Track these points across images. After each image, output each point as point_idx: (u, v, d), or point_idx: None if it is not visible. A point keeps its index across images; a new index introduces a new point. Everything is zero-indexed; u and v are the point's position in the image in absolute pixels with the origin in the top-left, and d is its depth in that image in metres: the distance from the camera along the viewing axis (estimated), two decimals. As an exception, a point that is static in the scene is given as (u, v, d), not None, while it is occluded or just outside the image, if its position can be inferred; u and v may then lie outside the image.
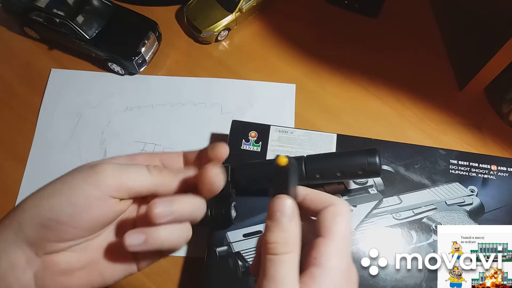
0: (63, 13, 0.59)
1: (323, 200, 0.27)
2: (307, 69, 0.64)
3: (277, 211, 0.24)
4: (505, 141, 0.59)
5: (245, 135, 0.53)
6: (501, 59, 0.53)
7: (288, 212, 0.24)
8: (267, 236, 0.24)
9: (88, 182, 0.25)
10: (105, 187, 0.25)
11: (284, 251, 0.24)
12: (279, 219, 0.24)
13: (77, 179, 0.26)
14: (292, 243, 0.24)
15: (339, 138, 0.53)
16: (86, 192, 0.25)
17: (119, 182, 0.26)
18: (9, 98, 0.62)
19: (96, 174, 0.26)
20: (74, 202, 0.25)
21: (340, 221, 0.25)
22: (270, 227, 0.24)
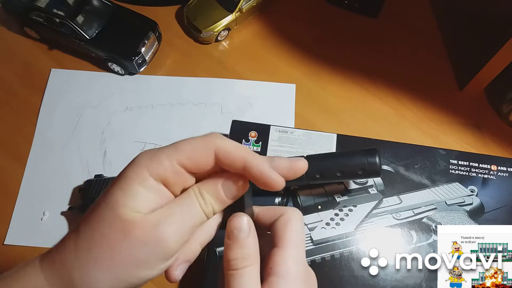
0: (63, 13, 0.59)
1: (274, 213, 0.28)
2: (307, 69, 0.64)
3: (234, 229, 0.25)
4: (505, 141, 0.59)
5: (245, 135, 0.53)
6: (501, 59, 0.53)
7: (245, 229, 0.25)
8: (227, 254, 0.25)
9: (159, 257, 0.25)
10: (174, 252, 0.25)
11: (244, 265, 0.25)
12: (237, 236, 0.25)
13: (143, 256, 0.24)
14: (251, 257, 0.25)
15: (339, 138, 0.53)
16: (159, 268, 0.25)
17: (183, 240, 0.25)
18: (9, 98, 0.62)
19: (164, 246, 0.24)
20: (148, 278, 0.25)
21: (290, 229, 0.26)
22: (229, 245, 0.25)
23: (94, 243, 0.24)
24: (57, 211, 0.54)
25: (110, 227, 0.24)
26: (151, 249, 0.24)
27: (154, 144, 0.58)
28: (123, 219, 0.24)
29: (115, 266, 0.24)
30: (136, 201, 0.24)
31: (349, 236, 0.47)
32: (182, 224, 0.25)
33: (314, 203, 0.49)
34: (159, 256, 0.24)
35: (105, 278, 0.24)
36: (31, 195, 0.55)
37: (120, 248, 0.24)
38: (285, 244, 0.26)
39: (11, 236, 0.53)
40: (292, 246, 0.26)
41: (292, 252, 0.26)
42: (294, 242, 0.26)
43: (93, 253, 0.24)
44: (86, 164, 0.57)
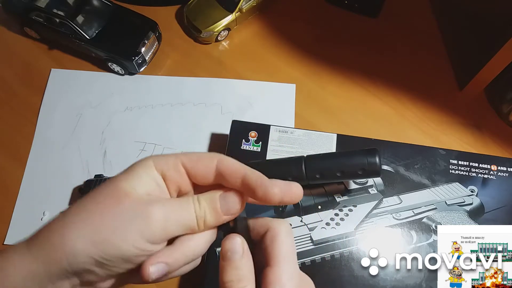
0: (63, 13, 0.59)
1: (262, 224, 0.28)
2: (307, 69, 0.64)
3: (228, 251, 0.26)
4: (505, 141, 0.59)
5: (245, 135, 0.53)
6: (501, 59, 0.53)
7: (238, 250, 0.26)
8: (223, 276, 0.26)
9: (141, 234, 0.25)
10: (156, 239, 0.25)
11: (239, 287, 0.25)
12: (230, 258, 0.26)
13: (128, 226, 0.25)
14: (246, 278, 0.26)
15: (339, 138, 0.53)
16: (138, 245, 0.25)
17: (168, 233, 0.26)
18: (9, 98, 0.62)
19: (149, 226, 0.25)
20: (127, 255, 0.25)
21: (278, 245, 0.26)
22: (224, 267, 0.26)
23: (84, 208, 0.25)
24: (57, 211, 0.54)
25: (105, 195, 0.26)
26: (136, 222, 0.25)
27: (154, 144, 0.58)
28: (119, 190, 0.26)
29: (97, 229, 0.25)
30: (135, 182, 0.26)
31: (349, 236, 0.47)
32: (171, 216, 0.26)
33: (314, 203, 0.49)
34: (141, 233, 0.25)
35: (82, 240, 0.24)
36: (31, 195, 0.55)
37: (109, 213, 0.25)
38: (275, 262, 0.26)
39: (11, 236, 0.53)
40: (283, 263, 0.26)
41: (284, 268, 0.26)
42: (284, 258, 0.26)
43: (80, 215, 0.25)
44: (86, 164, 0.57)
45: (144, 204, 0.25)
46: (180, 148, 0.58)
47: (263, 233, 0.28)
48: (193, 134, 0.59)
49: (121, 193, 0.26)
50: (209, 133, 0.59)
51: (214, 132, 0.59)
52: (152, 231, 0.25)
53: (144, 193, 0.26)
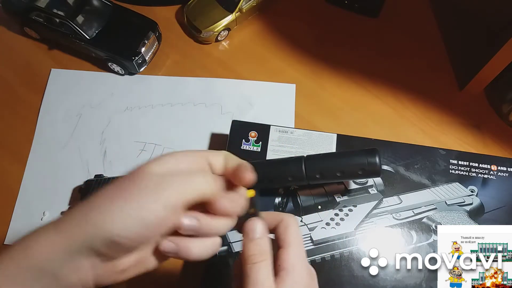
0: (63, 13, 0.59)
1: (274, 218, 0.33)
2: (307, 69, 0.64)
3: (251, 230, 0.31)
4: (505, 141, 0.59)
5: (245, 135, 0.53)
6: (501, 59, 0.53)
7: (260, 230, 0.31)
8: (246, 250, 0.30)
9: (158, 201, 0.27)
10: (174, 205, 0.27)
11: (261, 259, 0.30)
12: (253, 236, 0.31)
13: (146, 196, 0.27)
14: (265, 253, 0.30)
15: (339, 138, 0.53)
16: (156, 213, 0.27)
17: (186, 198, 0.28)
18: (9, 98, 0.62)
19: (164, 192, 0.27)
20: (146, 223, 0.27)
21: (290, 232, 0.32)
22: (247, 243, 0.31)
23: (107, 190, 0.27)
24: (57, 211, 0.54)
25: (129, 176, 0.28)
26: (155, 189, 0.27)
27: (154, 144, 0.58)
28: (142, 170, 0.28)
29: (123, 201, 0.26)
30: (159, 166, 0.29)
31: (349, 236, 0.47)
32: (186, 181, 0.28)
33: (314, 203, 0.49)
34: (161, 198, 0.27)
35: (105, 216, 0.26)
36: (31, 195, 0.55)
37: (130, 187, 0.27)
38: (288, 245, 0.31)
39: (11, 236, 0.53)
40: (294, 246, 0.31)
41: (295, 250, 0.31)
42: (295, 242, 0.31)
43: (104, 195, 0.27)
44: (86, 164, 0.57)
45: (162, 176, 0.28)
46: (180, 148, 0.58)
47: (274, 225, 0.33)
48: (193, 134, 0.59)
49: (141, 171, 0.28)
50: (209, 133, 0.59)
51: (214, 132, 0.59)
52: (170, 196, 0.27)
53: (163, 172, 0.28)
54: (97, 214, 0.26)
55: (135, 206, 0.26)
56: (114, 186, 0.28)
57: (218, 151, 0.33)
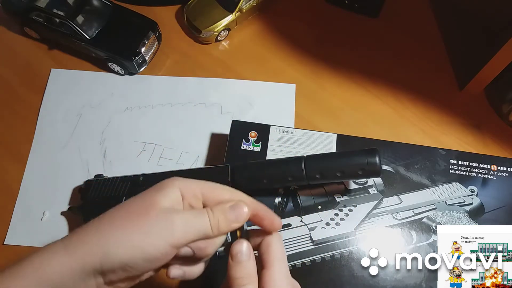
0: (63, 13, 0.59)
1: (258, 235, 0.33)
2: (307, 69, 0.64)
3: (238, 253, 0.31)
4: (505, 141, 0.59)
5: (245, 135, 0.53)
6: (501, 59, 0.53)
7: (246, 252, 0.31)
8: (232, 273, 0.31)
9: (164, 240, 0.29)
10: (178, 243, 0.30)
11: (247, 282, 0.30)
12: (240, 258, 0.31)
13: (154, 233, 0.29)
14: (251, 275, 0.31)
15: (339, 138, 0.53)
16: (161, 251, 0.29)
17: (189, 239, 0.30)
18: (9, 98, 0.62)
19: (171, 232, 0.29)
20: (150, 258, 0.29)
21: (272, 251, 0.32)
22: (233, 266, 0.31)
23: (117, 216, 0.30)
24: (57, 211, 0.54)
25: (136, 206, 0.30)
26: (162, 229, 0.29)
27: (154, 144, 0.58)
28: (148, 201, 0.30)
29: (129, 235, 0.29)
30: (162, 196, 0.31)
31: (349, 236, 0.47)
32: (190, 224, 0.30)
33: (314, 203, 0.49)
34: (166, 238, 0.29)
35: (115, 244, 0.28)
36: (31, 195, 0.55)
37: (139, 221, 0.29)
38: (270, 265, 0.31)
39: (11, 236, 0.53)
40: (276, 265, 0.31)
41: (276, 271, 0.31)
42: (277, 261, 0.32)
43: (114, 222, 0.29)
44: (86, 164, 0.57)
45: (168, 214, 0.30)
46: (180, 148, 0.58)
47: (259, 242, 0.33)
48: (193, 134, 0.59)
49: (149, 204, 0.30)
50: (209, 133, 0.59)
51: (214, 132, 0.59)
52: (174, 237, 0.29)
53: (168, 205, 0.30)
54: (107, 242, 0.28)
55: (143, 241, 0.29)
56: (125, 214, 0.30)
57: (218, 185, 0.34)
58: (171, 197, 0.31)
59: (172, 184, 0.32)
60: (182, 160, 0.57)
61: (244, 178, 0.47)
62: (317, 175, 0.45)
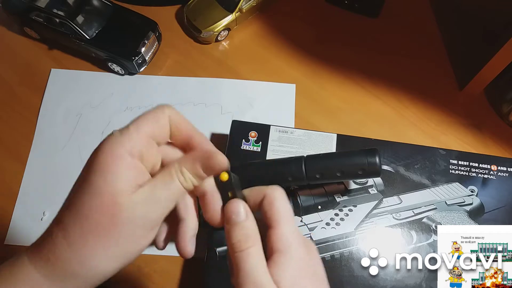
0: (63, 13, 0.59)
1: (257, 193, 0.29)
2: (307, 69, 0.64)
3: (232, 214, 0.27)
4: (505, 141, 0.59)
5: (245, 135, 0.53)
6: (501, 59, 0.53)
7: (242, 211, 0.28)
8: (230, 237, 0.27)
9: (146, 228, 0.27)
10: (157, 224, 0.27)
11: (248, 245, 0.26)
12: (235, 220, 0.27)
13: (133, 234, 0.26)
14: (253, 237, 0.27)
15: (339, 138, 0.53)
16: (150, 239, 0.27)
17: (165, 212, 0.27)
18: (9, 98, 0.62)
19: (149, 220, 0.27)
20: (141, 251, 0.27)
21: (276, 208, 0.28)
22: (230, 229, 0.27)
23: (88, 233, 0.25)
24: (57, 211, 0.54)
25: (100, 214, 0.25)
26: (137, 226, 0.26)
27: (154, 144, 0.58)
28: (110, 205, 0.25)
29: (111, 247, 0.26)
30: (118, 183, 0.26)
31: (349, 236, 0.47)
32: (164, 201, 0.27)
33: (314, 203, 0.49)
34: (145, 229, 0.27)
35: (104, 261, 0.26)
36: (31, 195, 0.55)
37: (113, 231, 0.25)
38: (276, 224, 0.27)
39: (11, 236, 0.53)
40: (283, 222, 0.27)
41: (285, 228, 0.27)
42: (284, 218, 0.28)
43: (88, 242, 0.25)
44: (86, 164, 0.57)
45: (138, 207, 0.26)
46: (180, 148, 0.58)
47: (259, 201, 0.29)
48: (193, 134, 0.59)
49: (112, 208, 0.25)
50: (209, 133, 0.59)
51: (214, 132, 0.59)
52: (153, 223, 0.27)
53: (131, 190, 0.26)
54: (90, 262, 0.26)
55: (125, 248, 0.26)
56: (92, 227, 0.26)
57: (157, 111, 0.28)
58: (125, 175, 0.26)
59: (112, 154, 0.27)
60: (182, 160, 0.57)
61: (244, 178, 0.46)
62: (317, 175, 0.45)
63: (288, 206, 0.29)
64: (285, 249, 0.27)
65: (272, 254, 0.27)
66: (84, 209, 0.26)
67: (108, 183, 0.26)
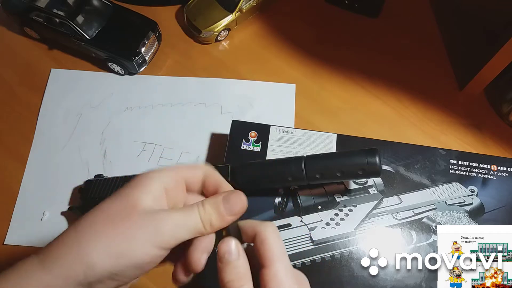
0: (63, 13, 0.59)
1: (250, 228, 0.30)
2: (307, 69, 0.64)
3: (225, 253, 0.28)
4: (505, 141, 0.59)
5: (245, 135, 0.53)
6: (501, 59, 0.53)
7: (234, 251, 0.28)
8: (223, 277, 0.27)
9: (153, 243, 0.27)
10: (167, 245, 0.27)
11: (239, 285, 0.27)
12: (228, 259, 0.28)
13: (139, 237, 0.26)
14: (244, 276, 0.28)
15: (339, 138, 0.53)
16: (151, 253, 0.27)
17: (178, 238, 0.28)
18: (9, 98, 0.62)
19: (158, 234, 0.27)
20: (141, 264, 0.27)
21: (269, 246, 0.28)
22: (223, 268, 0.28)
23: (97, 222, 0.27)
24: (57, 211, 0.54)
25: (115, 209, 0.27)
26: (147, 232, 0.27)
27: (154, 144, 0.58)
28: (128, 202, 0.27)
29: (112, 243, 0.26)
30: (143, 194, 0.28)
31: (349, 236, 0.47)
32: (179, 223, 0.28)
33: (314, 203, 0.49)
34: (153, 241, 0.27)
35: (98, 254, 0.26)
36: (31, 195, 0.55)
37: (121, 226, 0.26)
38: (270, 263, 0.28)
39: (11, 236, 0.53)
40: (276, 262, 0.28)
41: (277, 267, 0.28)
42: (276, 257, 0.28)
43: (94, 229, 0.27)
44: (86, 164, 0.57)
45: (153, 214, 0.27)
46: (180, 148, 0.58)
47: (253, 235, 0.29)
48: (193, 134, 0.59)
49: (129, 205, 0.27)
50: (209, 133, 0.59)
51: (214, 132, 0.59)
52: (162, 239, 0.27)
53: (151, 204, 0.28)
54: (90, 253, 0.26)
55: (129, 247, 0.26)
56: (105, 219, 0.27)
57: (196, 165, 0.32)
58: (153, 194, 0.28)
59: (151, 178, 0.29)
60: (182, 160, 0.57)
61: (244, 178, 0.46)
62: (317, 175, 0.45)
63: (281, 244, 0.29)
64: None
65: None
66: (104, 204, 0.28)
67: (137, 193, 0.28)
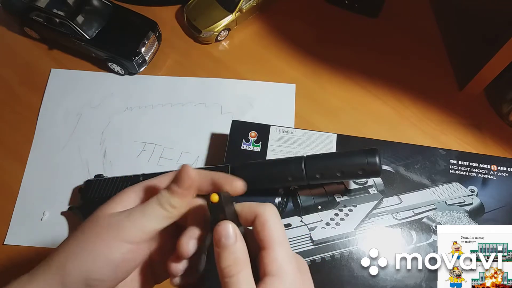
0: (63, 13, 0.59)
1: (249, 211, 0.29)
2: (307, 69, 0.64)
3: (221, 237, 0.27)
4: (505, 141, 0.59)
5: (245, 135, 0.53)
6: (501, 59, 0.53)
7: (231, 235, 0.27)
8: (220, 262, 0.27)
9: (120, 238, 0.28)
10: (134, 238, 0.28)
11: (237, 271, 0.26)
12: (225, 243, 0.27)
13: (109, 236, 0.28)
14: (242, 261, 0.27)
15: (339, 138, 0.53)
16: (120, 249, 0.28)
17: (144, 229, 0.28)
18: (9, 98, 0.62)
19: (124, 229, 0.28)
20: (114, 263, 0.28)
21: (269, 228, 0.27)
22: (219, 253, 0.27)
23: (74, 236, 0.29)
24: (57, 211, 0.54)
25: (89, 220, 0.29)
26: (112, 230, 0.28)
27: (154, 144, 0.58)
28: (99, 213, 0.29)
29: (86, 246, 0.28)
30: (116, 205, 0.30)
31: (349, 236, 0.47)
32: (140, 214, 0.28)
33: (314, 203, 0.49)
34: (119, 236, 0.28)
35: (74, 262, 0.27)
36: (31, 195, 0.55)
37: (93, 232, 0.28)
38: (270, 245, 0.27)
39: (11, 236, 0.53)
40: (276, 244, 0.27)
41: (278, 250, 0.27)
42: (276, 239, 0.27)
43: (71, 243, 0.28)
44: (86, 164, 0.57)
45: (118, 215, 0.28)
46: (180, 148, 0.58)
47: (252, 218, 0.28)
48: (193, 134, 0.59)
49: (100, 215, 0.29)
50: (209, 133, 0.59)
51: (214, 132, 0.59)
52: (127, 232, 0.28)
53: (122, 209, 0.29)
54: (66, 261, 0.27)
55: (101, 248, 0.27)
56: (81, 231, 0.29)
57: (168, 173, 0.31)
58: (124, 203, 0.30)
59: (125, 191, 0.31)
60: (182, 160, 0.57)
61: (244, 178, 0.46)
62: (317, 175, 0.45)
63: (281, 226, 0.28)
64: (277, 273, 0.26)
65: (264, 276, 0.27)
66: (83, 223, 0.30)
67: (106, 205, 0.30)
